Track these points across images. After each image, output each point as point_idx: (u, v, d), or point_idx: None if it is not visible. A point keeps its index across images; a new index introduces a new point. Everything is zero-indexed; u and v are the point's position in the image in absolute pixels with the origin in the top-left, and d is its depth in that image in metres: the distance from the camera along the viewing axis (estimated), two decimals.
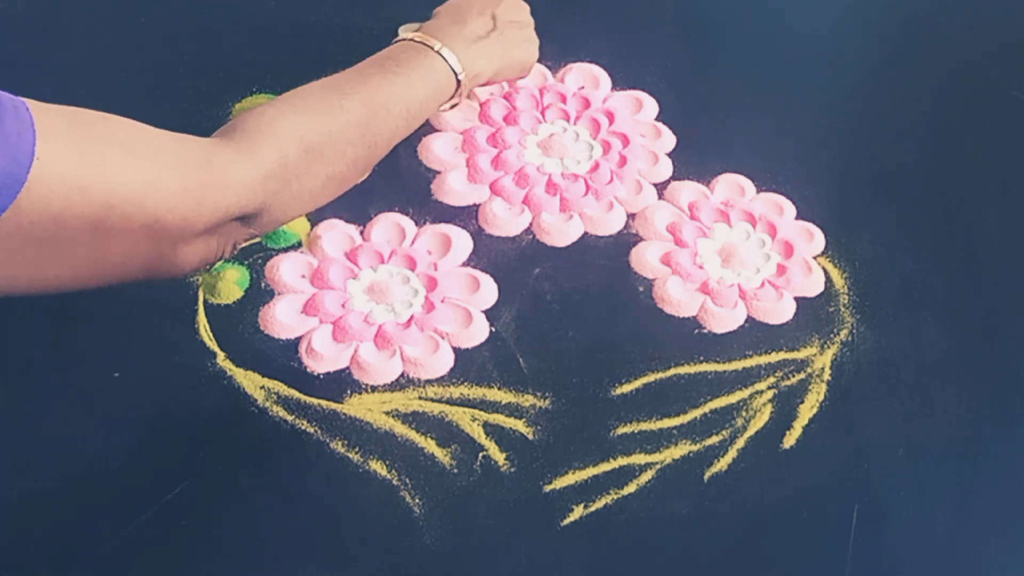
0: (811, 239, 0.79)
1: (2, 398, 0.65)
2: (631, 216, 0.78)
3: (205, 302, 0.70)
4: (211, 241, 0.58)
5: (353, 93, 0.66)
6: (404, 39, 0.73)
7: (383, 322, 0.70)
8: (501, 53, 0.76)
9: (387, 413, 0.67)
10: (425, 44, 0.72)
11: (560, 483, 0.66)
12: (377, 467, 0.65)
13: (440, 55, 0.71)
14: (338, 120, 0.64)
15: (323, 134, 0.63)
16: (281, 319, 0.70)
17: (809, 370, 0.72)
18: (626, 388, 0.70)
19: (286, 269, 0.72)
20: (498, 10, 0.77)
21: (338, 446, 0.66)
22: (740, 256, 0.76)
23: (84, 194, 0.49)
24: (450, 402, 0.68)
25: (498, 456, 0.66)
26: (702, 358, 0.72)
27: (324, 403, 0.67)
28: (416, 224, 0.76)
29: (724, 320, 0.73)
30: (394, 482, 0.65)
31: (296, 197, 0.62)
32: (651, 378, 0.70)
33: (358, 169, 0.67)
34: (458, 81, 0.73)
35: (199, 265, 0.59)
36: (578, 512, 0.65)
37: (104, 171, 0.50)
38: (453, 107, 0.76)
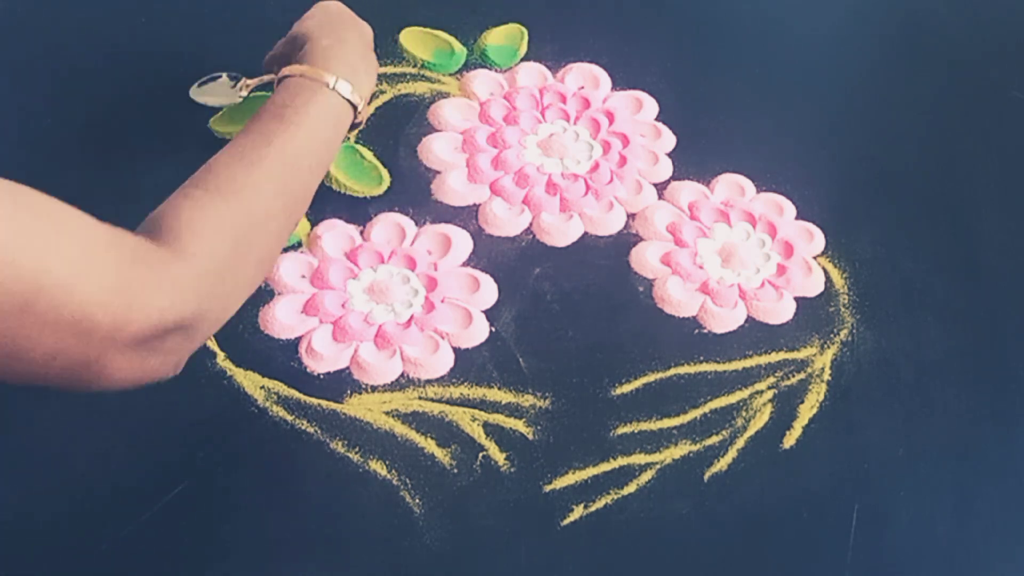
0: (811, 239, 0.79)
1: (2, 398, 0.65)
2: (631, 216, 0.78)
3: None
4: (147, 357, 0.52)
5: (261, 161, 0.61)
6: (293, 76, 0.67)
7: (383, 322, 0.70)
8: (375, 69, 0.73)
9: (387, 413, 0.67)
10: (317, 80, 0.66)
11: (560, 483, 0.66)
12: (377, 467, 0.65)
13: (335, 91, 0.66)
14: (255, 196, 0.59)
15: (245, 215, 0.58)
16: (281, 319, 0.70)
17: (809, 370, 0.72)
18: (626, 388, 0.70)
19: (286, 269, 0.72)
20: (363, 26, 0.74)
21: (338, 446, 0.66)
22: (740, 256, 0.76)
23: (14, 269, 0.46)
24: (450, 402, 0.68)
25: (498, 456, 0.66)
26: (702, 358, 0.72)
27: (324, 403, 0.67)
28: (416, 224, 0.76)
29: (724, 320, 0.73)
30: (394, 482, 0.65)
31: (231, 293, 0.58)
32: (651, 378, 0.70)
33: (282, 241, 0.63)
34: (355, 109, 0.68)
35: (132, 382, 0.53)
36: (578, 512, 0.65)
37: (37, 248, 0.47)
38: (357, 130, 0.71)
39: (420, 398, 0.68)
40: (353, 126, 0.70)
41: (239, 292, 0.59)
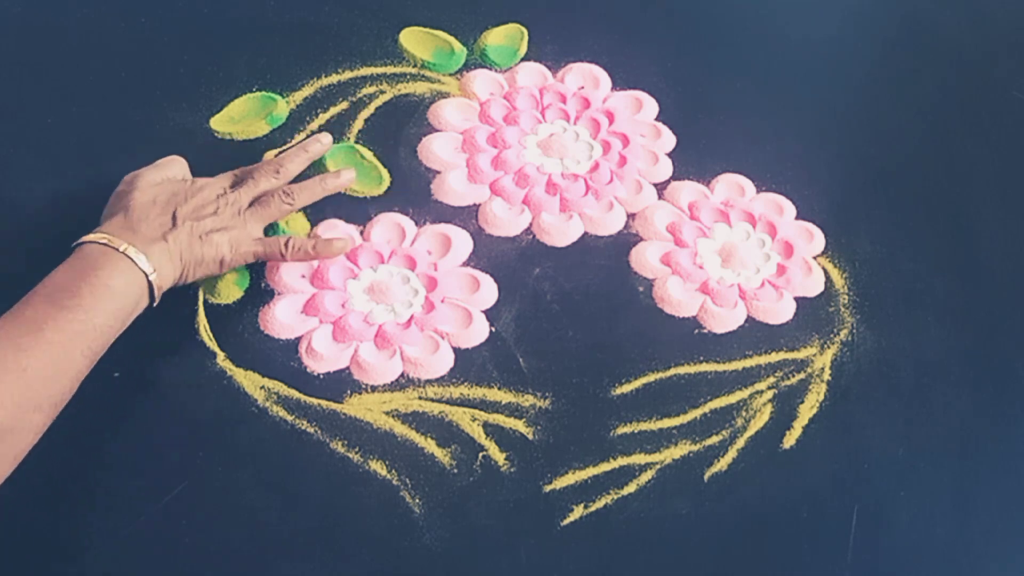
0: (811, 239, 0.79)
1: None
2: (631, 216, 0.78)
3: (205, 302, 0.70)
4: None
5: (32, 348, 0.57)
6: (83, 241, 0.64)
7: (383, 322, 0.70)
8: (180, 252, 0.67)
9: (387, 413, 0.67)
10: (109, 246, 0.63)
11: (560, 483, 0.66)
12: (377, 467, 0.65)
13: (127, 256, 0.63)
14: (22, 386, 0.56)
15: (10, 408, 0.55)
16: (281, 319, 0.70)
17: (809, 370, 0.72)
18: (626, 388, 0.70)
19: (286, 269, 0.72)
20: (182, 208, 0.68)
21: (338, 446, 0.66)
22: (740, 256, 0.76)
23: None
24: (450, 402, 0.68)
25: (498, 456, 0.66)
26: (702, 358, 0.72)
27: (324, 403, 0.67)
28: (416, 224, 0.76)
29: (724, 320, 0.73)
30: (394, 482, 0.65)
31: None
32: (651, 378, 0.70)
33: (40, 434, 0.58)
34: (150, 284, 0.64)
35: None
36: (578, 512, 0.65)
37: None
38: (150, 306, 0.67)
39: (420, 398, 0.68)
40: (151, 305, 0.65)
41: None
